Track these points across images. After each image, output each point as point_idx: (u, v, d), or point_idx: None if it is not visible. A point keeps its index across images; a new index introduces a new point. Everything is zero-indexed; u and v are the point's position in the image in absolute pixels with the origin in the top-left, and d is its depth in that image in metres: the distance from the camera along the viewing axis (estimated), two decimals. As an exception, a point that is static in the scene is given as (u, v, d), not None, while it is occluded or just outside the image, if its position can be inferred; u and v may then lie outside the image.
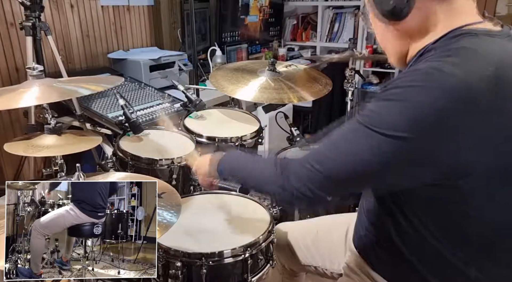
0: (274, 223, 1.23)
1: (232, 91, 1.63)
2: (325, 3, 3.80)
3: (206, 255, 1.06)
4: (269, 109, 2.79)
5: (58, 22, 2.26)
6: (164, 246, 1.09)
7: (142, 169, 1.39)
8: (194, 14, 2.36)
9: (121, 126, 1.55)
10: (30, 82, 1.15)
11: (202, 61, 2.87)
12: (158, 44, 2.88)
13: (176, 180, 1.43)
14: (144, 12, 2.76)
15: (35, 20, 1.71)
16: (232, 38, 3.28)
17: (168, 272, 1.09)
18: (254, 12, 3.48)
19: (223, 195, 1.41)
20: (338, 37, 3.84)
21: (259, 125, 1.74)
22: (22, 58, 2.08)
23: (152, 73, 2.40)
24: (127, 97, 1.75)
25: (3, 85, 2.01)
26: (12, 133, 2.10)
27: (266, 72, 1.71)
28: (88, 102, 1.94)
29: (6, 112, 2.06)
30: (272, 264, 1.20)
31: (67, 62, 2.32)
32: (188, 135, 1.61)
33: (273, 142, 2.57)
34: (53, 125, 1.21)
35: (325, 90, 1.71)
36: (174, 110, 2.05)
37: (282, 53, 3.79)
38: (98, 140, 1.25)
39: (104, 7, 2.49)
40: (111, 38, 2.58)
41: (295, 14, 4.11)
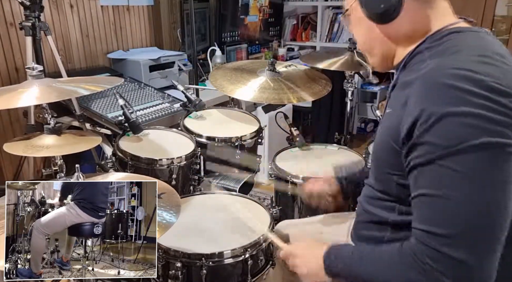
0: (274, 223, 1.23)
1: (231, 91, 1.63)
2: (325, 3, 3.80)
3: (206, 255, 1.06)
4: (269, 109, 2.78)
5: (57, 22, 2.26)
6: (164, 247, 1.09)
7: (141, 169, 1.39)
8: (194, 14, 2.35)
9: (121, 126, 1.55)
10: (30, 82, 1.15)
11: (201, 61, 2.87)
12: (157, 44, 2.88)
13: (176, 180, 1.43)
14: (143, 12, 2.76)
15: (34, 20, 1.71)
16: (232, 38, 3.28)
17: (168, 273, 1.09)
18: (254, 12, 3.48)
19: (223, 195, 1.41)
20: (338, 37, 3.84)
21: (259, 125, 1.74)
22: (21, 58, 2.08)
23: (152, 73, 2.40)
24: (126, 97, 1.75)
25: (2, 85, 2.01)
26: (12, 133, 2.09)
27: (266, 72, 1.71)
28: (88, 102, 1.94)
29: (5, 112, 2.06)
30: (272, 264, 1.20)
31: (66, 62, 2.31)
32: (188, 135, 1.61)
33: (273, 142, 2.57)
34: (52, 125, 1.21)
35: (324, 90, 1.71)
36: (173, 110, 2.05)
37: (282, 53, 3.79)
38: (98, 140, 1.25)
39: (103, 7, 2.49)
40: (111, 38, 2.57)
41: (295, 14, 4.11)
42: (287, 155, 1.71)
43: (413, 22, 0.82)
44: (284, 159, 1.67)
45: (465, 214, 0.64)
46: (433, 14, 0.81)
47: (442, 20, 0.81)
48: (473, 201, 0.64)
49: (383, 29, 0.86)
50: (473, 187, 0.64)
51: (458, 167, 0.65)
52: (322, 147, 1.77)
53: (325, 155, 1.70)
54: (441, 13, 0.82)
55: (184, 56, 2.61)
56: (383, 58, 0.91)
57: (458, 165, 0.65)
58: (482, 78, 0.67)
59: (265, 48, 3.75)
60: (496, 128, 0.64)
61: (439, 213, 0.67)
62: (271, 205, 1.33)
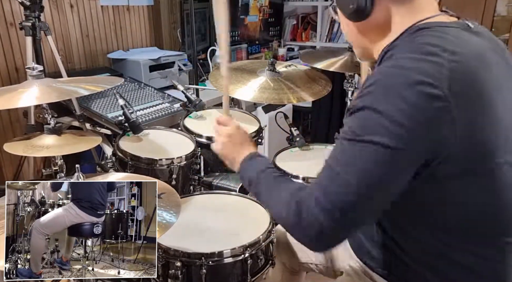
0: (274, 223, 1.23)
1: (231, 91, 1.63)
2: (325, 3, 3.80)
3: (206, 255, 1.06)
4: (269, 109, 2.79)
5: (58, 22, 2.26)
6: (163, 246, 1.09)
7: (141, 169, 1.39)
8: (194, 14, 2.35)
9: (121, 126, 1.55)
10: (30, 82, 1.15)
11: (201, 61, 2.87)
12: (158, 44, 2.88)
13: (176, 180, 1.43)
14: (143, 12, 2.76)
15: (34, 20, 1.71)
16: (232, 38, 3.28)
17: (168, 272, 1.09)
18: (254, 12, 3.48)
19: (223, 195, 1.41)
20: (338, 37, 3.84)
21: (259, 125, 1.74)
22: (21, 58, 2.08)
23: (152, 73, 2.40)
24: (126, 97, 1.75)
25: (2, 85, 2.01)
26: (12, 133, 2.09)
27: (266, 72, 1.71)
28: (88, 102, 1.94)
29: (5, 112, 2.06)
30: (272, 264, 1.20)
31: (66, 62, 2.32)
32: (187, 135, 1.61)
33: (273, 142, 2.57)
34: (52, 125, 1.21)
35: (324, 90, 1.71)
36: (173, 110, 2.05)
37: (282, 53, 3.80)
38: (98, 140, 1.25)
39: (103, 7, 2.49)
40: (111, 38, 2.58)
41: (295, 14, 4.11)
42: (287, 155, 1.71)
43: (384, 20, 0.82)
44: (284, 159, 1.67)
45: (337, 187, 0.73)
46: (406, 11, 0.80)
47: (416, 17, 0.80)
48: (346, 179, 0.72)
49: (357, 26, 0.87)
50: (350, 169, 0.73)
51: (350, 151, 0.74)
52: (322, 147, 1.77)
53: (325, 155, 1.70)
54: (416, 10, 0.80)
55: (184, 56, 2.61)
56: (362, 52, 0.93)
57: (351, 149, 0.74)
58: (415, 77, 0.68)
59: (265, 48, 3.75)
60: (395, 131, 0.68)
61: (323, 179, 0.76)
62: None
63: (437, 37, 0.74)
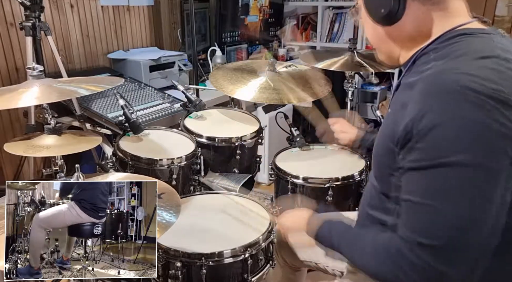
0: (274, 223, 1.23)
1: (232, 91, 1.63)
2: (325, 3, 3.80)
3: (206, 255, 1.06)
4: (269, 109, 2.78)
5: (58, 22, 2.26)
6: (164, 246, 1.09)
7: (142, 169, 1.39)
8: (194, 14, 2.35)
9: (121, 126, 1.55)
10: (30, 82, 1.15)
11: (202, 61, 2.87)
12: (158, 44, 2.88)
13: (176, 180, 1.43)
14: (144, 12, 2.76)
15: (35, 20, 1.71)
16: (232, 38, 3.28)
17: (168, 272, 1.09)
18: (254, 12, 3.48)
19: (223, 195, 1.41)
20: (338, 37, 3.83)
21: (259, 125, 1.74)
22: (22, 58, 2.08)
23: (152, 73, 2.40)
24: (127, 97, 1.75)
25: (3, 85, 2.01)
26: (12, 133, 2.10)
27: (266, 72, 1.71)
28: (88, 102, 1.95)
29: (6, 112, 2.06)
30: (272, 264, 1.20)
31: (67, 62, 2.32)
32: (188, 135, 1.61)
33: (273, 142, 2.57)
34: (53, 125, 1.21)
35: (324, 90, 1.71)
36: (174, 110, 2.05)
37: (282, 53, 3.79)
38: (98, 140, 1.25)
39: (104, 7, 2.49)
40: (111, 38, 2.58)
41: (295, 14, 4.11)
42: (287, 155, 1.72)
43: (417, 25, 0.81)
44: (284, 159, 1.67)
45: (448, 228, 0.65)
46: (441, 15, 0.79)
47: (452, 22, 0.79)
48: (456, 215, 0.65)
49: (386, 31, 0.85)
50: (454, 202, 0.65)
51: (442, 180, 0.66)
52: (322, 147, 1.77)
53: (325, 155, 1.71)
54: (451, 14, 0.80)
55: (184, 56, 2.61)
56: (388, 56, 0.91)
57: (443, 178, 0.66)
58: (483, 84, 0.66)
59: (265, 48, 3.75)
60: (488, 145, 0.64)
61: (423, 223, 0.68)
62: (271, 205, 1.33)
63: (486, 45, 0.74)
